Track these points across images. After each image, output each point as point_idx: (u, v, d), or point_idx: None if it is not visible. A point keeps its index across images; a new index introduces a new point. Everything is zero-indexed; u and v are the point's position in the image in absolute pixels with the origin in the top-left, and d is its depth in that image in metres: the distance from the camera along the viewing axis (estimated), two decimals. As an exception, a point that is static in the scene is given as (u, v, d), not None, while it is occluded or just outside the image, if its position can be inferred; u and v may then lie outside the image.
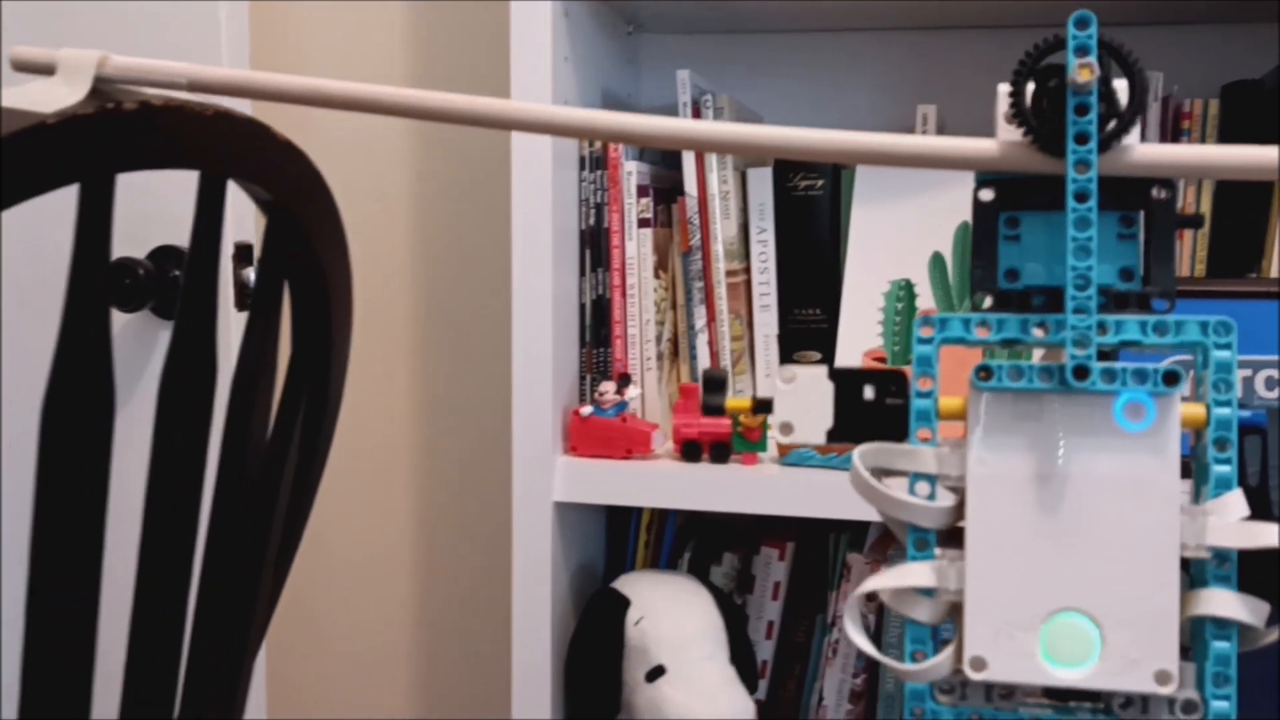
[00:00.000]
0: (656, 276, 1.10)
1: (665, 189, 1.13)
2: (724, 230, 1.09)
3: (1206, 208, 1.02)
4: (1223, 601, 0.36)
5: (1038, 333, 0.39)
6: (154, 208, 1.08)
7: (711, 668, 1.03)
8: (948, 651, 0.38)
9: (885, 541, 1.13)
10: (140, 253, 1.12)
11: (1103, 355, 0.39)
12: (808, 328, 1.12)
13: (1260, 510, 0.38)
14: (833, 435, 0.41)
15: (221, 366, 0.54)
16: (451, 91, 0.43)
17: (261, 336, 0.58)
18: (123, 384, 1.13)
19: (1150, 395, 0.38)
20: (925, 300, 1.05)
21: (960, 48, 1.21)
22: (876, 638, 1.09)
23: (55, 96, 0.41)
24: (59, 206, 0.39)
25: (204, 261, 0.53)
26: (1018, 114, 0.39)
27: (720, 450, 1.02)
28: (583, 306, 1.11)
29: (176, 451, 0.53)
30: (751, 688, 1.06)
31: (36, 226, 1.16)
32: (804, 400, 0.41)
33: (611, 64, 1.19)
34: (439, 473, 1.41)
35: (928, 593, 0.39)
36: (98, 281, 0.45)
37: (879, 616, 1.11)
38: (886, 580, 0.39)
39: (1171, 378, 0.37)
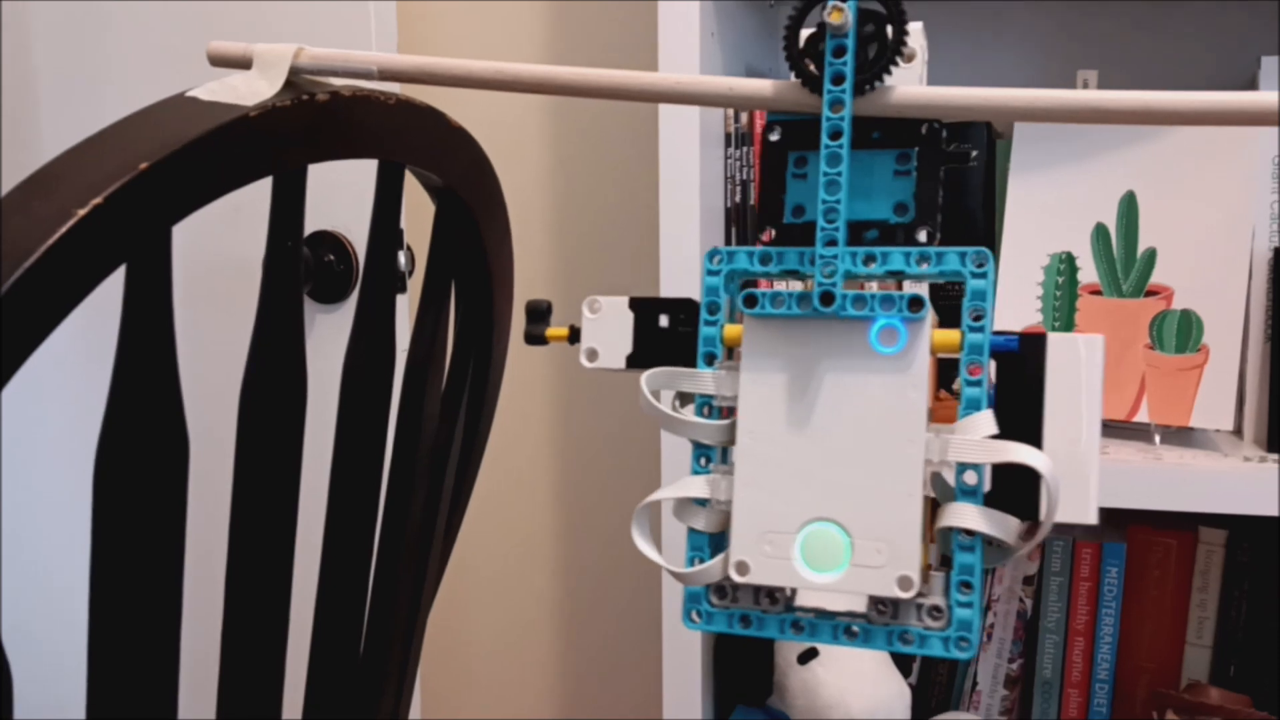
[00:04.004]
0: (804, 254, 1.08)
1: (811, 164, 1.11)
2: (873, 205, 1.06)
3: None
4: (965, 514, 0.38)
5: (813, 265, 0.41)
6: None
7: (865, 650, 1.02)
8: (720, 557, 0.41)
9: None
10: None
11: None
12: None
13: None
14: (632, 360, 0.45)
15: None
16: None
17: (434, 321, 0.59)
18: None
19: (901, 320, 0.39)
20: (1088, 274, 1.01)
21: (1121, 11, 1.16)
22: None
23: (255, 89, 0.42)
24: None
25: (384, 248, 0.54)
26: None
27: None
28: (729, 285, 1.10)
29: (361, 432, 0.54)
30: (905, 671, 1.04)
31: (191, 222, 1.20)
32: (608, 328, 0.45)
33: (753, 38, 1.17)
34: (583, 459, 1.42)
35: (705, 504, 0.41)
36: (294, 273, 0.46)
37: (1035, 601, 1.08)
38: (667, 492, 0.42)
39: (916, 303, 0.39)
